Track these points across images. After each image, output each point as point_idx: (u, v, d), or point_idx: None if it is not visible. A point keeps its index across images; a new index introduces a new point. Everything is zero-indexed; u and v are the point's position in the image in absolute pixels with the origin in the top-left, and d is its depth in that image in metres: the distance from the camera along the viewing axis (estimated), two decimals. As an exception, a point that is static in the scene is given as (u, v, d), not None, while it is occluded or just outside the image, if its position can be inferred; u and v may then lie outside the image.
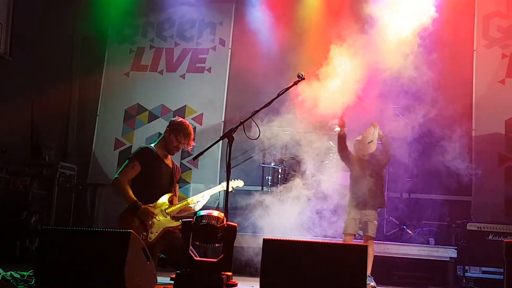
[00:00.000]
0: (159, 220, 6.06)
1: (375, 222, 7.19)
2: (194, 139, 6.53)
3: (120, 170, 6.25)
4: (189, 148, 6.52)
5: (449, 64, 9.10)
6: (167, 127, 6.51)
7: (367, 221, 7.14)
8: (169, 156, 6.55)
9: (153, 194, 6.26)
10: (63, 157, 10.58)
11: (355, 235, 7.27)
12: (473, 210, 9.37)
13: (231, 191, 6.79)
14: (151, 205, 6.13)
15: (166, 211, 6.17)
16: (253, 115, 5.64)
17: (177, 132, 6.38)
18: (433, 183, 9.22)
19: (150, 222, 5.98)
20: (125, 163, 6.27)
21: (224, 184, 6.85)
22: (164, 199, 6.29)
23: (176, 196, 6.49)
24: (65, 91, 11.05)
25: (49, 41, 10.53)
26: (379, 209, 7.36)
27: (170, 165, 6.53)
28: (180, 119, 6.59)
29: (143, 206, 6.03)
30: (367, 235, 7.13)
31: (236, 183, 6.80)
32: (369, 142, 7.22)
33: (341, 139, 7.37)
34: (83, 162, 10.83)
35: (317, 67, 8.64)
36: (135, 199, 6.04)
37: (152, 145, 6.52)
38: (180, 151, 6.85)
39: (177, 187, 6.62)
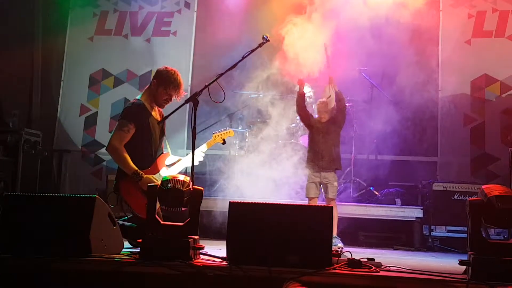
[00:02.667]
0: None
1: (335, 183, 7.23)
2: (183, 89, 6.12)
3: (114, 133, 5.82)
4: (179, 99, 6.05)
5: (415, 24, 9.07)
6: (153, 78, 6.10)
7: (327, 183, 7.18)
8: (156, 107, 6.16)
9: (149, 154, 5.94)
10: (28, 124, 10.40)
11: (317, 197, 7.31)
12: (439, 170, 9.50)
13: (223, 143, 6.62)
14: (151, 174, 5.82)
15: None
16: (217, 78, 5.56)
17: (166, 84, 5.98)
18: (400, 144, 9.31)
19: None
20: (117, 126, 5.85)
21: (214, 134, 6.73)
22: (162, 162, 6.04)
23: (168, 150, 6.25)
24: (27, 57, 10.79)
25: (9, 4, 10.24)
26: (336, 170, 7.36)
27: (159, 117, 6.12)
28: (168, 68, 6.11)
29: (144, 176, 5.73)
30: (328, 197, 7.18)
31: (226, 134, 6.63)
32: (328, 97, 7.24)
33: (300, 98, 7.37)
34: (48, 128, 10.67)
35: (283, 28, 8.62)
36: (136, 168, 5.71)
37: (139, 97, 6.09)
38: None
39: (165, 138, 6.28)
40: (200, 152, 6.37)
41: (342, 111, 7.29)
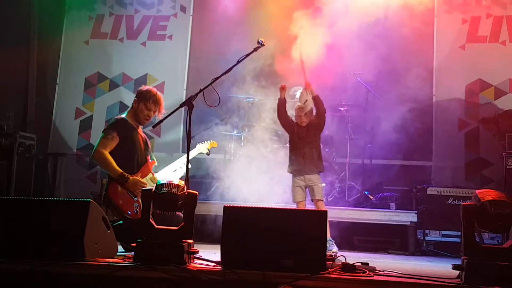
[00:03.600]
0: None
1: (320, 185, 7.30)
2: (163, 106, 6.34)
3: (98, 142, 6.05)
4: (160, 115, 6.31)
5: (410, 29, 9.12)
6: (135, 97, 6.35)
7: (312, 185, 7.23)
8: (139, 127, 6.40)
9: (133, 164, 6.11)
10: (22, 127, 10.38)
11: (304, 201, 7.34)
12: (434, 174, 9.52)
13: (207, 153, 6.77)
14: (136, 175, 6.00)
15: (153, 180, 6.09)
16: (212, 82, 5.57)
17: (146, 100, 6.21)
18: (394, 149, 9.33)
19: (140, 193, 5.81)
20: (102, 135, 6.07)
21: (199, 145, 6.84)
22: (146, 168, 6.17)
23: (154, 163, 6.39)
24: (23, 60, 10.78)
25: (4, 6, 10.23)
26: (320, 173, 7.41)
27: (143, 135, 6.41)
28: (147, 87, 6.42)
29: (131, 177, 5.90)
30: (316, 198, 7.22)
31: (210, 145, 6.76)
32: (304, 102, 7.29)
33: (281, 103, 7.44)
34: (43, 131, 10.66)
35: (280, 34, 8.65)
36: (121, 170, 5.89)
37: (123, 115, 6.35)
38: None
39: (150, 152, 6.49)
40: (182, 164, 6.54)
41: (321, 115, 7.37)
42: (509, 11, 9.62)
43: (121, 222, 5.95)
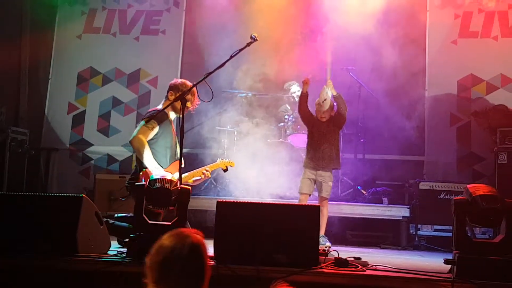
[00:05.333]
0: None
1: (330, 183, 7.29)
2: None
3: (139, 129, 6.05)
4: (193, 109, 6.36)
5: (402, 24, 9.14)
6: (169, 90, 6.33)
7: (322, 181, 7.23)
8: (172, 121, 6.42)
9: (166, 158, 6.18)
10: (15, 122, 10.35)
11: (310, 194, 7.35)
12: (426, 169, 9.54)
13: (225, 170, 6.76)
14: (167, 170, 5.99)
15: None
16: (205, 77, 5.56)
17: (184, 92, 6.03)
18: (387, 144, 9.35)
19: None
20: (143, 123, 6.05)
21: (220, 160, 6.81)
22: (175, 166, 6.10)
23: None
24: (15, 55, 10.71)
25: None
26: (334, 170, 7.44)
27: (174, 130, 6.42)
28: (180, 80, 6.44)
29: (164, 170, 5.92)
30: (322, 195, 7.23)
31: (227, 163, 6.74)
32: (323, 101, 7.29)
33: (303, 98, 7.43)
34: (36, 126, 10.63)
35: (272, 29, 8.66)
36: (157, 162, 5.95)
37: (159, 107, 6.28)
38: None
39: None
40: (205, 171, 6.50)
41: (343, 114, 7.38)
42: (501, 6, 9.65)
43: (124, 215, 6.01)
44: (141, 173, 6.00)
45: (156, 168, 5.90)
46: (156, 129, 6.10)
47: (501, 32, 9.61)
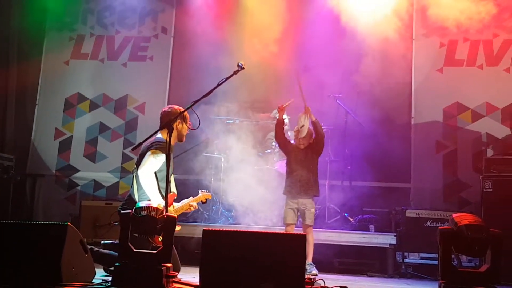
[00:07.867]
0: None
1: (312, 210, 7.27)
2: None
3: (147, 161, 5.97)
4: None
5: (389, 53, 9.23)
6: (174, 118, 5.99)
7: (305, 209, 7.21)
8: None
9: (166, 191, 6.04)
10: (1, 148, 10.30)
11: (294, 224, 7.33)
12: (412, 196, 9.57)
13: (204, 202, 6.78)
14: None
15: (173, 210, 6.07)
16: (192, 105, 5.58)
17: (185, 120, 6.26)
18: (374, 171, 9.38)
19: None
20: (150, 154, 5.98)
21: (202, 193, 6.81)
22: (171, 198, 6.13)
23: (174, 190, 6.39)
24: (2, 80, 10.69)
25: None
26: (314, 197, 7.42)
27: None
28: (176, 106, 6.32)
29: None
30: (305, 223, 7.21)
31: (206, 195, 6.77)
32: (301, 127, 7.31)
33: (279, 125, 7.45)
34: (22, 152, 10.57)
35: (259, 56, 8.72)
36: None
37: (161, 137, 6.20)
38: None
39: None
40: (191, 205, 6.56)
41: (320, 140, 7.36)
42: (485, 35, 9.77)
43: (109, 242, 5.96)
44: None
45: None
46: (162, 162, 6.00)
47: (486, 61, 9.71)
